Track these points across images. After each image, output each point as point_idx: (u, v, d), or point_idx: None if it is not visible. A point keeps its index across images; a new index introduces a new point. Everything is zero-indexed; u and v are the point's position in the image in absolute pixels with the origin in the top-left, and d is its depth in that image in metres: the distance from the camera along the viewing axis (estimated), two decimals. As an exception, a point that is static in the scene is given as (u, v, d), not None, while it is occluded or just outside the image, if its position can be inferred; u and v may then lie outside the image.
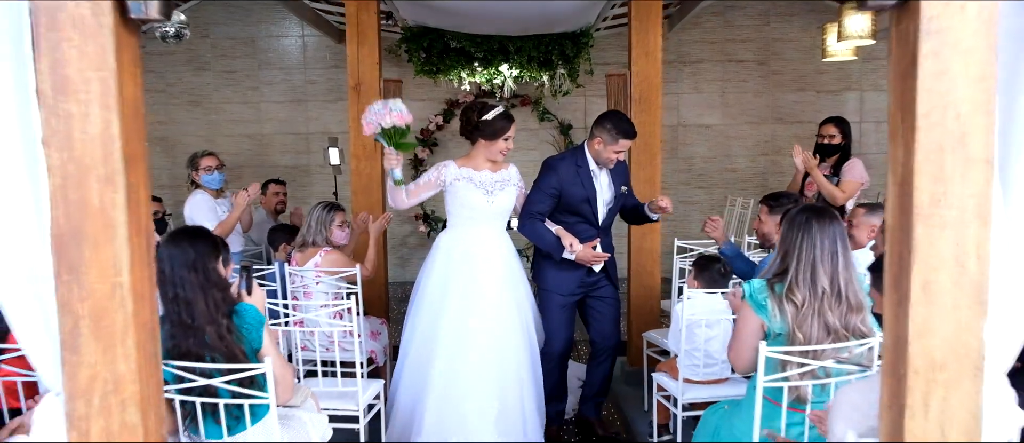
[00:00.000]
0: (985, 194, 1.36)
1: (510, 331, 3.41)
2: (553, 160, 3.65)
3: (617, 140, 3.46)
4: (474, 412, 3.28)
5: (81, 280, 1.37)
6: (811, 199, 4.47)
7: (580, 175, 3.54)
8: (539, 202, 3.53)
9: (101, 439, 1.40)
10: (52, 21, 1.32)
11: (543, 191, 3.53)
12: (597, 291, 3.70)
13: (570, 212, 3.59)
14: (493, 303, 3.40)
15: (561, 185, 3.52)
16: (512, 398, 3.36)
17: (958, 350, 1.39)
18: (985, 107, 1.34)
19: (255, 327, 2.25)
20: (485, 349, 3.34)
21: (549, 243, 3.50)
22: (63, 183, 1.35)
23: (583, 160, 3.56)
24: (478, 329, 3.35)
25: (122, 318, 1.40)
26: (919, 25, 1.33)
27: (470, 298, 3.37)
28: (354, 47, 4.38)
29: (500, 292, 3.43)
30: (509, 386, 3.36)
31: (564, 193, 3.54)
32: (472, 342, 3.34)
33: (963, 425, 1.41)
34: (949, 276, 1.37)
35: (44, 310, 1.40)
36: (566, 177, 3.53)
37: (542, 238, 3.52)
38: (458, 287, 3.38)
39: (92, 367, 1.40)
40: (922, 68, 1.34)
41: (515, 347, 3.41)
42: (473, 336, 3.34)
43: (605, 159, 3.52)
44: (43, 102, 1.33)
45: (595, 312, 3.74)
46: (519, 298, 3.52)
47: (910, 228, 1.38)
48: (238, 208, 4.14)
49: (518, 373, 3.39)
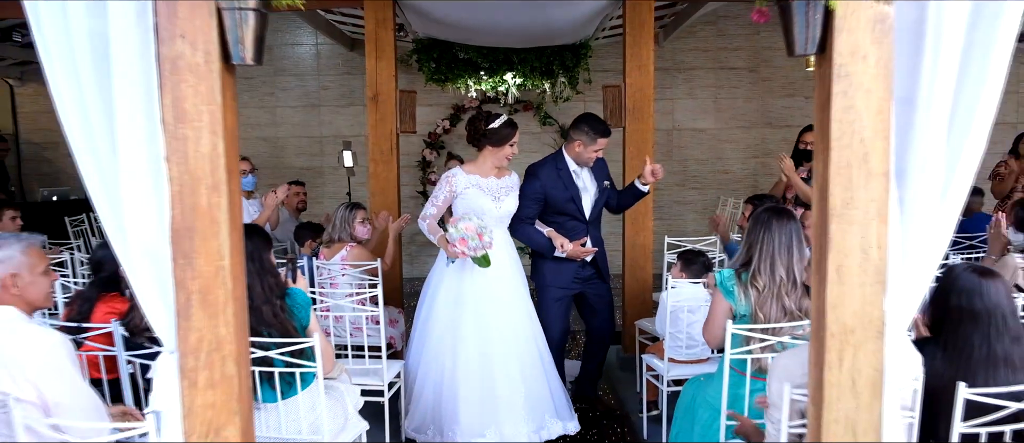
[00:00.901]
0: (883, 199, 1.77)
1: (524, 323, 3.77)
2: (535, 166, 3.95)
3: (595, 140, 3.78)
4: (505, 397, 3.61)
5: (193, 264, 1.79)
6: (791, 201, 4.89)
7: (561, 177, 3.85)
8: (526, 208, 3.84)
9: (206, 386, 1.82)
10: (173, 67, 1.74)
11: (528, 197, 3.84)
12: (591, 287, 4.06)
13: (558, 212, 3.91)
14: (507, 299, 3.74)
15: (544, 189, 3.83)
16: (536, 381, 3.71)
17: (864, 319, 1.81)
18: (883, 133, 1.76)
19: (305, 307, 2.67)
20: (507, 341, 3.67)
21: (540, 244, 3.84)
22: (180, 190, 1.77)
23: (563, 163, 3.87)
24: (497, 325, 3.67)
25: (223, 294, 1.81)
26: (832, 70, 1.75)
27: (487, 296, 3.68)
28: (372, 61, 4.79)
29: (512, 288, 3.77)
30: (530, 371, 3.71)
31: (549, 196, 3.85)
32: (494, 336, 3.66)
33: (869, 376, 1.83)
34: (856, 262, 1.79)
35: (162, 287, 1.81)
36: (548, 181, 3.85)
37: (533, 240, 3.85)
38: (474, 287, 3.68)
39: (200, 331, 1.82)
40: (834, 103, 1.76)
41: (529, 336, 3.77)
42: (494, 331, 3.66)
43: (586, 159, 3.82)
44: (166, 128, 1.75)
45: (591, 306, 4.12)
46: (526, 293, 3.87)
47: (827, 225, 1.80)
48: (268, 208, 4.55)
49: (536, 359, 3.74)
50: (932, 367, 2.16)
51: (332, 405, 2.80)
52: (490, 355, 3.66)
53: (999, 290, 2.23)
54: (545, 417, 3.70)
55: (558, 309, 4.00)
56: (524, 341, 3.74)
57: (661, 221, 7.96)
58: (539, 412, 3.70)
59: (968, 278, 2.25)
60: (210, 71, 1.75)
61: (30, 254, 2.20)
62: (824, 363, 1.83)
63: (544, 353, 3.81)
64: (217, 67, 1.75)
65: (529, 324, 3.80)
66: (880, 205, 1.77)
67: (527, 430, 3.62)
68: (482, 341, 3.66)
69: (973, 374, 2.14)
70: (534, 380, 3.72)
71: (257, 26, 1.75)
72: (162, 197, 1.77)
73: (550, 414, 3.73)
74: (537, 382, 3.72)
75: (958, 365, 2.18)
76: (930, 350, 2.23)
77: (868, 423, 1.83)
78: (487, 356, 3.66)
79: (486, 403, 3.62)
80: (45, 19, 1.73)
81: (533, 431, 3.64)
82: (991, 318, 2.18)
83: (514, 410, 3.63)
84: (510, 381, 3.65)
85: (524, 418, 3.64)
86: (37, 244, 2.26)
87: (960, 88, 1.75)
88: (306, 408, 2.68)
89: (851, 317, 1.81)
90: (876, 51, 1.73)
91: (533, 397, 3.69)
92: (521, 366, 3.69)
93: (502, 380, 3.64)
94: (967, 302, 2.21)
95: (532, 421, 3.66)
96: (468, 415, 3.60)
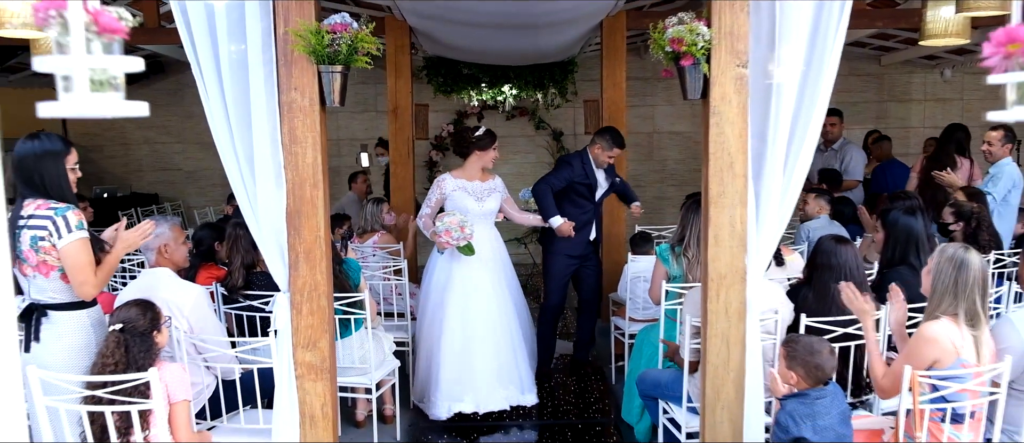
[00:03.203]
0: (743, 193, 2.76)
1: (502, 308, 4.34)
2: (570, 157, 4.81)
3: (612, 148, 4.61)
4: (480, 369, 4.22)
5: (300, 234, 2.78)
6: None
7: (586, 170, 4.67)
8: (556, 179, 4.60)
9: (308, 313, 2.81)
10: (289, 108, 2.72)
11: (561, 175, 4.62)
12: (587, 263, 4.87)
13: (578, 194, 4.69)
14: (487, 286, 4.29)
15: (573, 176, 4.63)
16: (507, 356, 4.33)
17: (732, 269, 2.79)
18: (743, 149, 2.74)
19: (356, 272, 3.66)
20: (485, 323, 4.24)
21: (545, 207, 4.55)
22: (293, 187, 2.76)
23: (587, 160, 4.68)
24: (477, 308, 4.24)
25: (318, 253, 2.80)
26: (710, 108, 2.74)
27: (470, 284, 4.26)
28: (392, 80, 5.78)
29: (494, 277, 4.34)
30: (503, 348, 4.32)
31: (574, 179, 4.64)
32: (474, 318, 4.22)
33: (736, 307, 2.81)
34: (726, 232, 2.78)
35: (281, 250, 2.79)
36: (577, 171, 4.66)
37: (543, 200, 4.55)
38: (460, 274, 4.26)
39: (304, 278, 2.80)
40: (711, 130, 2.74)
41: (505, 320, 4.33)
42: (474, 313, 4.23)
43: (601, 161, 4.64)
44: (284, 147, 2.73)
45: (584, 278, 4.91)
46: (507, 278, 4.46)
47: (708, 209, 2.78)
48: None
49: (510, 338, 4.35)
50: (805, 303, 3.16)
51: (375, 346, 3.78)
52: (470, 335, 4.24)
53: (848, 252, 3.22)
54: (512, 389, 4.35)
55: (561, 278, 4.78)
56: (501, 324, 4.32)
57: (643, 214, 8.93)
58: (508, 384, 4.33)
59: (828, 244, 3.25)
60: (313, 111, 2.73)
61: (175, 230, 3.18)
62: (708, 298, 2.83)
63: (516, 336, 4.39)
64: (317, 108, 2.74)
65: (507, 309, 4.38)
66: (742, 196, 2.76)
67: (497, 399, 4.26)
68: (464, 322, 4.24)
69: (829, 308, 3.12)
70: (507, 358, 4.33)
71: (342, 81, 2.74)
72: (282, 192, 2.76)
73: (516, 387, 4.36)
74: (509, 360, 4.34)
75: (820, 301, 3.16)
76: (804, 292, 3.24)
77: (736, 337, 2.82)
78: (468, 335, 4.23)
79: (464, 374, 4.22)
80: (209, 84, 2.70)
81: (502, 399, 4.28)
82: (842, 270, 3.16)
83: (488, 381, 4.24)
84: (485, 357, 4.25)
85: (495, 388, 4.26)
86: (178, 224, 3.24)
87: (793, 127, 2.72)
88: (358, 346, 3.67)
89: (724, 267, 2.80)
90: (737, 97, 2.72)
91: (504, 372, 4.31)
92: (496, 345, 4.29)
93: (479, 355, 4.24)
94: (826, 260, 3.20)
95: (501, 391, 4.29)
96: (449, 383, 4.21)
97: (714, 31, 2.67)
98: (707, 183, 2.79)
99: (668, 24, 2.71)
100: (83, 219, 2.64)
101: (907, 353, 2.51)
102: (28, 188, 2.63)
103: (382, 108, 8.88)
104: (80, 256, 2.59)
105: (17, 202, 2.65)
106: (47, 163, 2.62)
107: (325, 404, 2.87)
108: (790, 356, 2.41)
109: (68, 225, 2.58)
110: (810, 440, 2.27)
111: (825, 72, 2.66)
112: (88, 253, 2.62)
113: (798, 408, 2.32)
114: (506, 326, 4.36)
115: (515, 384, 4.37)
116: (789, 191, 2.77)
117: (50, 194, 2.62)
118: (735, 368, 2.83)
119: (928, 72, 9.05)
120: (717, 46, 2.69)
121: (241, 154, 2.75)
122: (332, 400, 2.92)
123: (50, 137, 2.69)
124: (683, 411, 3.18)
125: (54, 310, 2.66)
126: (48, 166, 2.62)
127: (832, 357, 2.43)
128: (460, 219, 4.13)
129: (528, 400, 4.41)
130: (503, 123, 8.66)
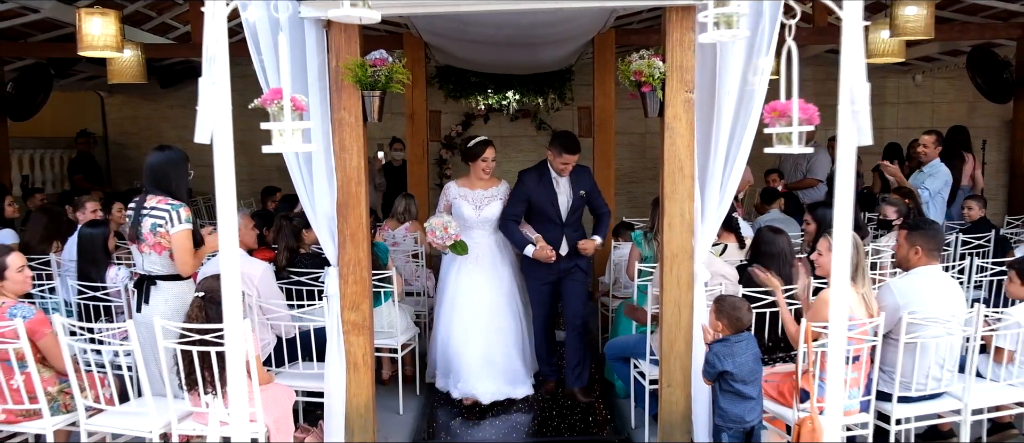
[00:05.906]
0: (690, 190, 3.54)
1: (503, 307, 4.63)
2: (523, 173, 4.61)
3: (561, 154, 4.42)
4: (477, 365, 4.55)
5: (347, 221, 3.58)
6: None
7: (543, 183, 4.50)
8: (512, 206, 4.55)
9: (353, 282, 3.61)
10: (339, 124, 3.52)
11: (515, 198, 4.56)
12: (571, 277, 4.63)
13: (539, 213, 4.54)
14: (488, 287, 4.60)
15: (527, 192, 4.50)
16: (500, 355, 4.62)
17: (681, 249, 3.58)
18: (690, 157, 3.52)
19: (385, 252, 4.46)
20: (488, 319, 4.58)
21: (516, 241, 4.51)
22: (342, 185, 3.56)
23: (546, 171, 4.51)
24: (480, 306, 4.58)
25: (361, 235, 3.60)
26: (665, 124, 3.52)
27: (473, 284, 4.60)
28: (409, 89, 6.53)
29: (494, 279, 4.63)
30: (494, 344, 4.60)
31: (532, 198, 4.50)
32: (478, 314, 4.56)
33: (686, 278, 3.59)
34: (678, 219, 3.56)
35: (332, 234, 3.59)
36: (531, 186, 4.50)
37: (511, 236, 4.53)
38: (465, 274, 4.62)
39: (350, 254, 3.60)
40: (666, 142, 3.52)
41: (505, 319, 4.63)
42: (478, 310, 4.57)
43: (557, 168, 4.47)
44: (335, 154, 3.53)
45: (567, 298, 4.69)
46: (506, 282, 4.68)
47: (664, 202, 3.57)
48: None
49: (502, 335, 4.62)
50: (751, 280, 3.95)
51: (401, 315, 4.59)
52: (474, 329, 4.57)
53: (783, 241, 4.01)
54: (511, 381, 4.64)
55: (541, 295, 4.67)
56: (501, 321, 4.63)
57: (636, 208, 9.71)
58: (507, 376, 4.63)
59: (768, 234, 4.05)
60: (356, 126, 3.53)
61: (244, 218, 3.99)
62: (664, 271, 3.62)
63: (516, 333, 4.67)
64: (359, 124, 3.53)
65: (508, 308, 4.65)
66: (689, 192, 3.55)
67: (495, 388, 4.56)
68: (469, 316, 4.58)
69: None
70: (507, 352, 4.63)
71: (380, 103, 3.53)
72: (333, 188, 3.56)
73: (513, 380, 4.64)
74: (508, 354, 4.63)
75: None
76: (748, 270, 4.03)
77: (685, 302, 3.60)
78: (471, 329, 4.57)
79: (470, 364, 4.55)
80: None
81: (491, 392, 4.55)
82: (780, 255, 3.96)
83: (489, 371, 4.56)
84: (488, 350, 4.58)
85: (494, 378, 4.57)
86: (247, 213, 4.05)
87: (730, 139, 3.50)
88: (386, 314, 4.47)
89: (676, 248, 3.59)
90: (685, 116, 3.50)
91: (503, 365, 4.60)
92: (487, 341, 4.58)
93: (482, 348, 4.56)
94: (767, 247, 4.00)
95: (501, 381, 4.59)
96: (442, 368, 4.67)
97: (667, 65, 3.45)
98: (663, 183, 3.57)
99: (632, 59, 3.49)
100: (191, 214, 3.45)
101: (813, 312, 3.31)
102: (154, 186, 3.43)
103: (396, 110, 9.67)
104: (186, 242, 3.40)
105: (141, 196, 3.46)
106: (177, 170, 3.43)
107: (365, 353, 3.68)
108: (718, 310, 3.18)
109: (180, 218, 3.39)
110: (731, 371, 3.06)
111: (756, 96, 3.42)
112: (190, 241, 3.43)
113: (722, 349, 3.11)
114: (498, 325, 4.63)
115: (513, 377, 4.65)
116: (727, 189, 3.56)
117: (174, 194, 3.43)
118: (685, 326, 3.62)
119: (901, 76, 9.79)
120: (670, 77, 3.46)
121: (302, 159, 3.54)
122: (370, 351, 3.72)
123: (176, 150, 3.51)
124: (647, 363, 3.98)
125: (161, 280, 3.48)
126: (177, 172, 3.43)
127: (749, 312, 3.21)
128: (444, 220, 4.41)
129: (519, 393, 4.64)
130: (508, 124, 9.46)
